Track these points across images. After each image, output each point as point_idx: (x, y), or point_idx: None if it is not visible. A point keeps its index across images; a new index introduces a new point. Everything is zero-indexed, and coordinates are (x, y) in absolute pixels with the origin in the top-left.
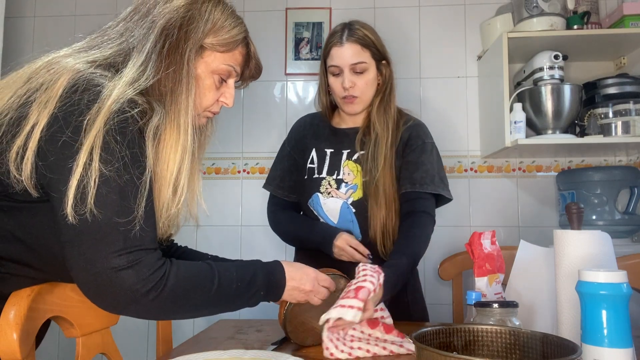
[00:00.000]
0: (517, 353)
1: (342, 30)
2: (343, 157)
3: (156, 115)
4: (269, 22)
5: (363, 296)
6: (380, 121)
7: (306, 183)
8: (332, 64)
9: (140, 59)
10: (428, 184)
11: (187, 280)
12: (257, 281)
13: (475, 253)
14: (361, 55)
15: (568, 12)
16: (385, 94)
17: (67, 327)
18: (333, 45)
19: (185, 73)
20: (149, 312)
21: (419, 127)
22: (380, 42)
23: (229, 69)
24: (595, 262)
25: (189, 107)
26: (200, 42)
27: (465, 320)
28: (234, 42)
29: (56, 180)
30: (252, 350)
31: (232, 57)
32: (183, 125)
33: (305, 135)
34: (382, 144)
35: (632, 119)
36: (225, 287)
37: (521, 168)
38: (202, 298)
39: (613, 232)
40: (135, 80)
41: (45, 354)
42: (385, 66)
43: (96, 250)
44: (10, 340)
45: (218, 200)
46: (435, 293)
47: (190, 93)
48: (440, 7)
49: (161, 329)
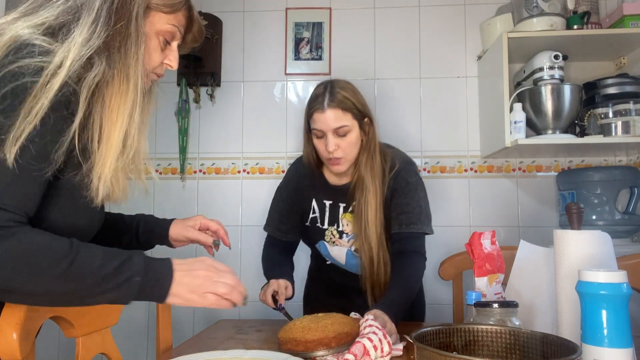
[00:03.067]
0: (517, 353)
1: (323, 95)
2: (340, 210)
3: (96, 68)
4: (269, 22)
5: (355, 351)
6: (368, 177)
7: (310, 230)
8: (315, 127)
9: (90, 17)
10: (415, 223)
11: (34, 246)
12: (133, 265)
13: (475, 253)
14: (343, 119)
15: (568, 12)
16: (370, 150)
17: (67, 327)
18: (315, 111)
19: (134, 29)
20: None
21: (403, 170)
22: (360, 101)
23: (173, 30)
24: (595, 262)
25: (139, 62)
26: (148, 1)
27: (465, 320)
28: (179, 3)
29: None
30: (252, 350)
31: (176, 18)
32: (133, 78)
33: (303, 186)
34: (371, 199)
35: (632, 119)
36: (82, 263)
37: (521, 168)
38: (44, 273)
39: (613, 232)
40: (88, 40)
41: (45, 354)
42: (367, 124)
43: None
44: (10, 340)
45: (218, 200)
46: (435, 293)
47: (139, 48)
48: (440, 7)
49: (161, 328)
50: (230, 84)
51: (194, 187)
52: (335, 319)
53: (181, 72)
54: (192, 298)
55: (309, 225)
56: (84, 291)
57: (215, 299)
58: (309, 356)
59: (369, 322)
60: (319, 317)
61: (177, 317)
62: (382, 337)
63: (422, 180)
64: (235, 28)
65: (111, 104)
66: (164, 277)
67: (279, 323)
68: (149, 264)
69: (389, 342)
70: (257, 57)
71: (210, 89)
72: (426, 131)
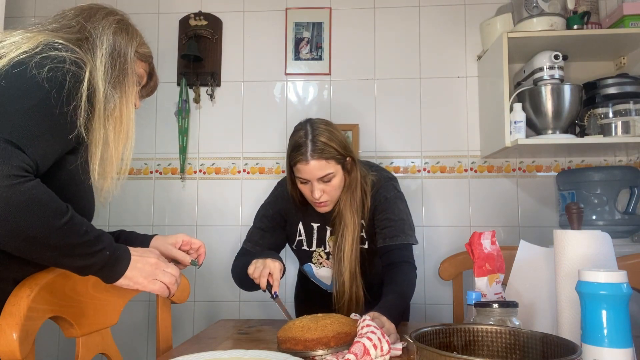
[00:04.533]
0: (517, 353)
1: (305, 144)
2: (327, 233)
3: (111, 100)
4: (269, 22)
5: (356, 351)
6: (347, 213)
7: (296, 253)
8: (300, 176)
9: (102, 51)
10: (398, 235)
11: (44, 195)
12: (105, 240)
13: (475, 253)
14: (327, 168)
15: (568, 12)
16: (352, 187)
17: (67, 327)
18: (298, 162)
19: (130, 68)
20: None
21: (381, 188)
22: (341, 143)
23: (143, 74)
24: (595, 262)
25: (133, 93)
26: (135, 48)
27: (465, 320)
28: (149, 56)
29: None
30: (252, 350)
31: (145, 67)
32: (131, 105)
33: (290, 208)
34: (348, 235)
35: (632, 119)
36: (75, 225)
37: (521, 168)
38: (49, 221)
39: (613, 232)
40: (105, 74)
41: (45, 354)
42: (349, 163)
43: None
44: (10, 340)
45: (218, 201)
46: (435, 293)
47: (133, 83)
48: (440, 7)
49: (161, 328)
50: (230, 84)
51: (194, 187)
52: (335, 318)
53: (181, 72)
54: (142, 282)
55: (295, 249)
56: (67, 249)
57: (160, 287)
58: (308, 355)
59: (366, 322)
60: (318, 317)
61: (177, 317)
62: (381, 336)
63: (401, 194)
64: (235, 28)
65: (117, 126)
66: (123, 258)
67: (279, 323)
68: (114, 244)
69: (387, 341)
70: (257, 57)
71: (210, 89)
72: (426, 131)
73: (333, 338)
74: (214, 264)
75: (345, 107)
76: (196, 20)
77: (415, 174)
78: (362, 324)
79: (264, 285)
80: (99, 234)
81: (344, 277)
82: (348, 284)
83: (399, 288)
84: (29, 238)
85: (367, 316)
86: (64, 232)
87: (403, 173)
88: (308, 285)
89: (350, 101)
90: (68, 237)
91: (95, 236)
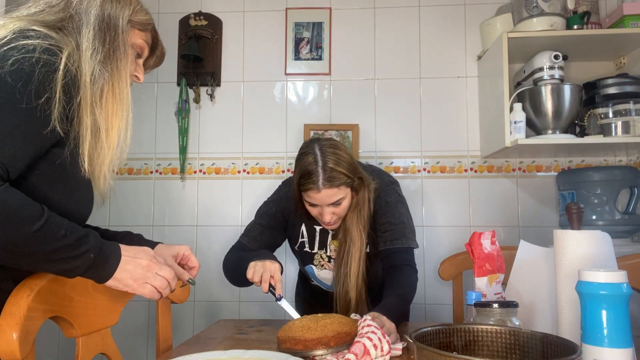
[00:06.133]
0: (517, 353)
1: (316, 173)
2: (329, 237)
3: (100, 79)
4: (269, 22)
5: (356, 351)
6: (354, 230)
7: (298, 254)
8: (310, 201)
9: (89, 29)
10: (399, 238)
11: (13, 200)
12: (90, 241)
13: (475, 253)
14: (338, 194)
15: (568, 12)
16: (359, 205)
17: (67, 327)
18: (309, 189)
19: (122, 41)
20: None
21: (382, 192)
22: (350, 166)
23: (143, 45)
24: (595, 262)
25: (127, 68)
26: (128, 18)
27: (465, 320)
28: (148, 24)
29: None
30: (252, 350)
31: (146, 36)
32: (125, 82)
33: (292, 210)
34: (355, 253)
35: (632, 119)
36: (52, 229)
37: (521, 168)
38: (21, 229)
39: (613, 232)
40: (93, 53)
41: (45, 354)
42: (358, 183)
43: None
44: (10, 340)
45: (218, 200)
46: (435, 293)
47: (127, 57)
48: (440, 7)
49: (161, 328)
50: (230, 84)
51: (194, 187)
52: (335, 318)
53: (181, 72)
54: (132, 285)
55: (297, 250)
56: (44, 255)
57: (150, 290)
58: (308, 355)
59: (367, 322)
60: (318, 316)
61: (177, 317)
62: (381, 336)
63: (402, 198)
64: (235, 28)
65: (110, 108)
66: (112, 260)
67: (279, 323)
68: (102, 245)
69: (388, 341)
70: (257, 57)
71: (210, 89)
72: (426, 131)
73: (333, 338)
74: (214, 264)
75: (345, 107)
76: (196, 20)
77: (415, 174)
78: (363, 323)
79: (265, 290)
80: (82, 236)
81: (350, 295)
82: (354, 302)
83: (399, 290)
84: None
85: (367, 316)
86: (38, 239)
87: (403, 173)
88: (309, 284)
89: (350, 101)
90: (44, 242)
91: (77, 238)
